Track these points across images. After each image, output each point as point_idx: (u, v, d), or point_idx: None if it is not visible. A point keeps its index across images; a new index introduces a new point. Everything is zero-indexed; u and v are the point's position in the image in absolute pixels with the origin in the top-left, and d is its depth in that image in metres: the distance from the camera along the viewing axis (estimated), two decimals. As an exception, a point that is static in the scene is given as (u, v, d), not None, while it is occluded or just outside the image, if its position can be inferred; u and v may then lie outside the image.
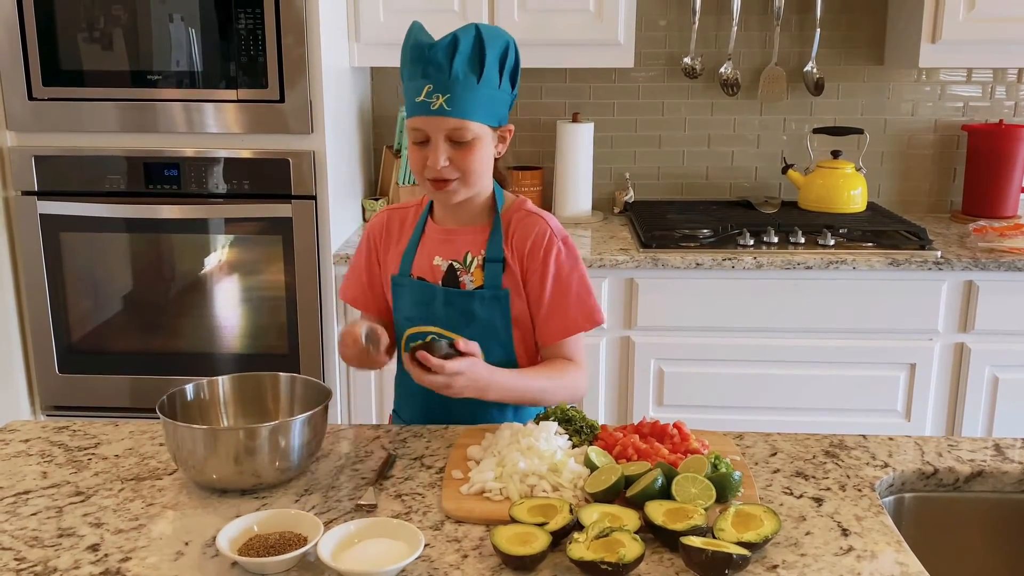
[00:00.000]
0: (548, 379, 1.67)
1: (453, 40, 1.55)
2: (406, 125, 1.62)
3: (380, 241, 1.77)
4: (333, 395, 1.50)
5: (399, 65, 1.64)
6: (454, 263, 1.69)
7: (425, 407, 1.73)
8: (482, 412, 1.69)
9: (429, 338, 1.55)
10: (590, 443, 1.49)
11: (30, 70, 2.64)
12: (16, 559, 1.22)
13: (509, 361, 1.69)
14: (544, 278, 1.66)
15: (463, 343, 1.52)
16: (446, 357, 1.50)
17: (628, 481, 1.34)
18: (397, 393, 1.83)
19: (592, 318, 1.69)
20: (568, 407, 1.57)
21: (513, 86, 1.65)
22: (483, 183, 1.66)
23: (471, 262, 1.68)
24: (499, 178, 1.74)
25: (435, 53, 1.55)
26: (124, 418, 1.70)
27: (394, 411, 1.85)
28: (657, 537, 1.24)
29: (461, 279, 1.68)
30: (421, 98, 1.56)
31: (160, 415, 1.39)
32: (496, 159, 1.69)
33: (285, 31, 2.56)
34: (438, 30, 1.60)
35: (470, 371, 1.52)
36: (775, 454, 1.52)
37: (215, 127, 2.66)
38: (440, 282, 1.69)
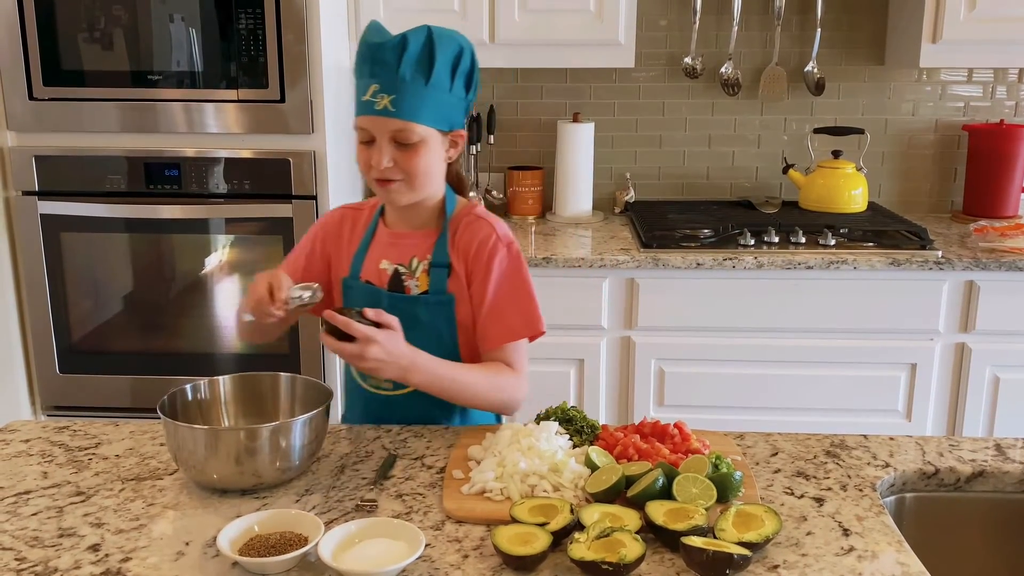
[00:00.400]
0: (481, 377, 1.62)
1: (402, 40, 1.53)
2: (354, 123, 1.60)
3: (331, 238, 1.75)
4: (334, 395, 1.50)
5: None
6: (400, 267, 1.67)
7: (364, 407, 1.71)
8: (425, 413, 1.67)
9: (341, 308, 1.50)
10: (591, 443, 1.49)
11: (31, 70, 2.64)
12: (17, 559, 1.22)
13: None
14: (486, 283, 1.63)
15: (374, 312, 1.48)
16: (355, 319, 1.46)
17: (629, 481, 1.34)
18: (344, 394, 1.83)
19: (533, 326, 1.65)
20: (569, 407, 1.57)
21: (468, 91, 1.62)
22: (431, 187, 1.63)
23: (416, 267, 1.66)
24: (455, 183, 1.72)
25: (383, 53, 1.53)
26: (125, 418, 1.69)
27: (343, 415, 1.84)
28: (658, 537, 1.24)
29: (406, 284, 1.66)
30: (367, 97, 1.54)
31: (161, 415, 1.39)
32: (450, 164, 1.68)
33: (285, 31, 2.56)
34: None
35: (386, 342, 1.47)
36: (776, 454, 1.52)
37: (215, 127, 2.65)
38: (386, 286, 1.67)
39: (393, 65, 1.53)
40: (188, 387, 1.51)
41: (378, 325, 1.48)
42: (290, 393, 1.56)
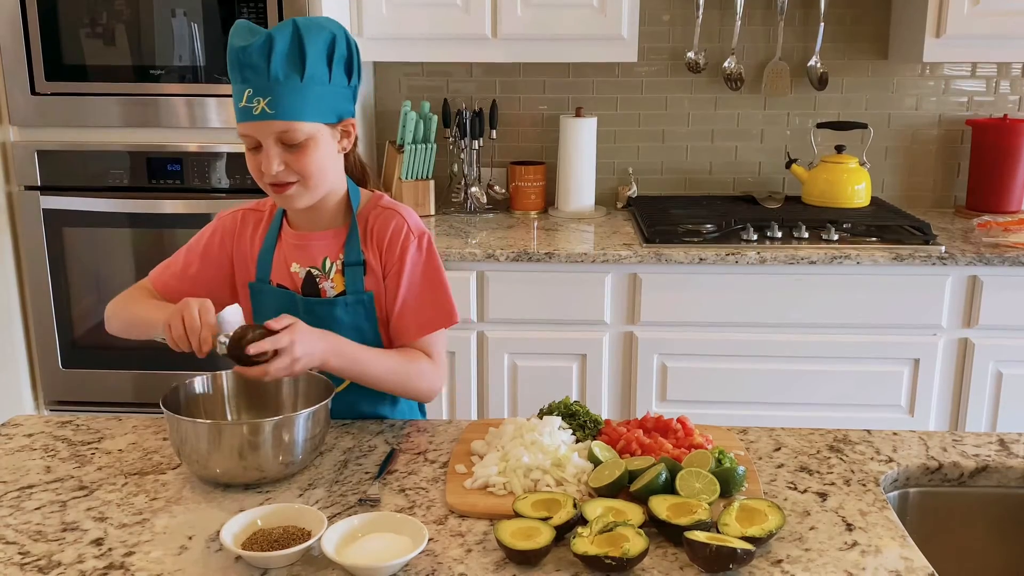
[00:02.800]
0: (401, 363, 1.59)
1: (267, 40, 1.47)
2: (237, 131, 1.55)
3: (231, 240, 1.69)
4: (334, 388, 1.49)
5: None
6: (312, 270, 1.63)
7: None
8: (351, 407, 1.65)
9: (235, 332, 1.43)
10: (594, 438, 1.49)
11: (33, 65, 2.64)
12: (20, 553, 1.22)
13: None
14: (400, 275, 1.61)
15: (273, 321, 1.44)
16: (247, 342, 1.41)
17: (632, 476, 1.33)
18: None
19: (448, 317, 1.64)
20: (572, 402, 1.57)
21: (350, 78, 1.57)
22: (327, 184, 1.58)
23: (330, 268, 1.63)
24: (356, 174, 1.69)
25: (249, 55, 1.47)
26: (128, 413, 1.69)
27: None
28: (661, 532, 1.24)
29: (321, 286, 1.63)
30: (243, 103, 1.49)
31: (164, 410, 1.39)
32: (347, 155, 1.63)
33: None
34: (440, 25, 1.56)
35: (300, 336, 1.43)
36: (779, 449, 1.52)
37: (218, 121, 2.65)
38: (300, 290, 1.63)
39: (263, 66, 1.48)
40: (191, 381, 1.51)
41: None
42: (292, 387, 1.56)
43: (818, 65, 3.16)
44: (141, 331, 1.64)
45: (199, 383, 1.52)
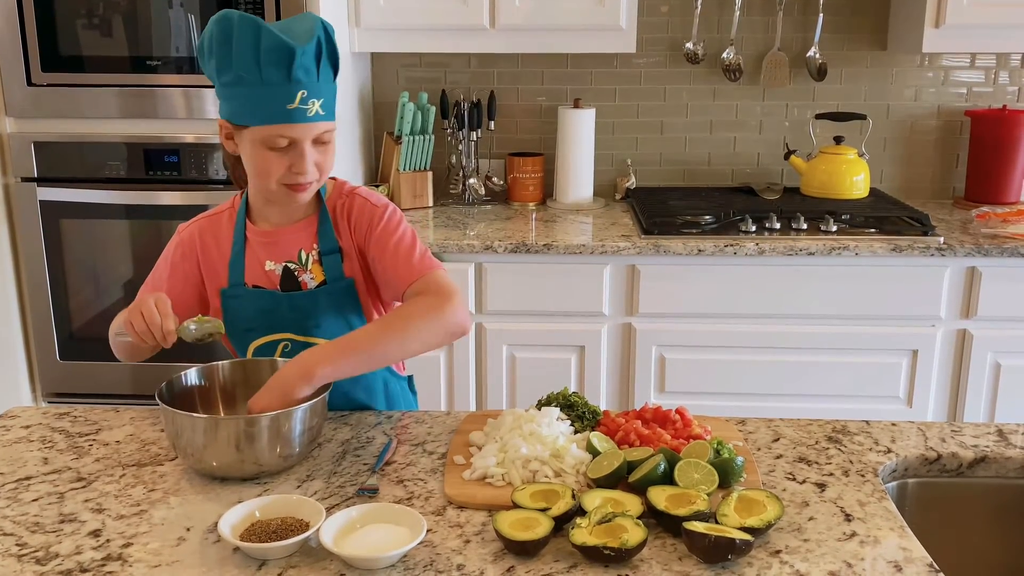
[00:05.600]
0: (391, 319, 1.50)
1: (317, 41, 1.47)
2: (256, 135, 1.49)
3: (194, 254, 1.66)
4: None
5: (210, 59, 1.51)
6: (289, 264, 1.62)
7: None
8: (347, 397, 1.65)
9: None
10: (592, 429, 1.49)
11: (29, 56, 2.63)
12: (17, 544, 1.22)
13: None
14: (381, 239, 1.57)
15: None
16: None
17: (630, 467, 1.33)
18: None
19: (436, 261, 1.59)
20: (570, 393, 1.56)
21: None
22: None
23: (306, 259, 1.62)
24: None
25: (306, 58, 1.45)
26: (125, 405, 1.69)
27: None
28: (660, 522, 1.24)
29: (301, 279, 1.62)
30: (295, 105, 1.46)
31: (159, 403, 1.38)
32: None
33: (285, 15, 2.55)
34: (438, 16, 1.55)
35: (282, 371, 1.43)
36: (778, 440, 1.52)
37: (215, 113, 2.62)
38: (279, 287, 1.62)
39: (314, 68, 1.47)
40: (186, 373, 1.50)
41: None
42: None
43: (817, 56, 3.15)
44: (123, 343, 1.62)
45: (194, 375, 1.51)
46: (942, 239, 2.68)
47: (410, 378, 1.83)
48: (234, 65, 1.47)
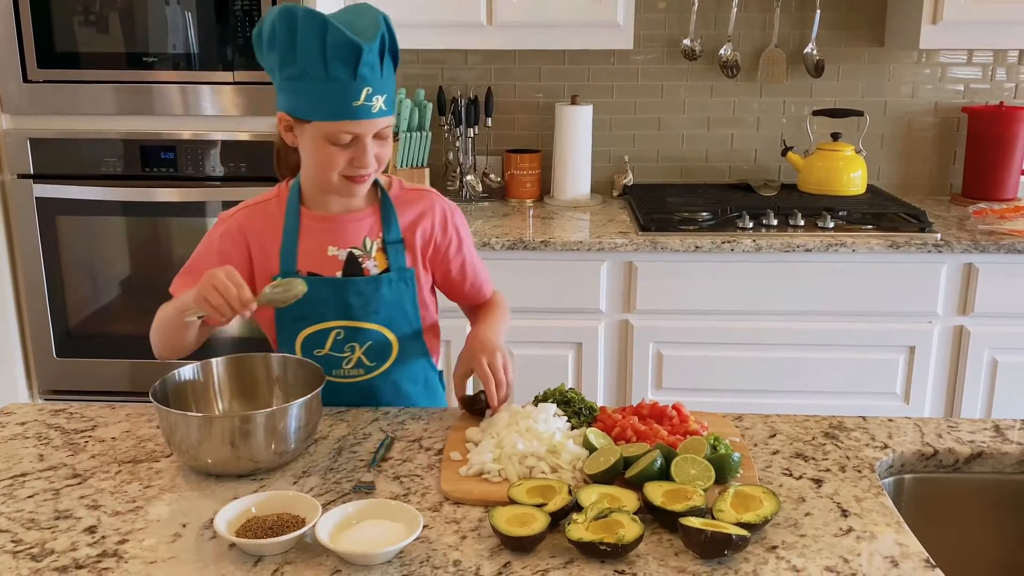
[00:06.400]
0: (504, 311, 1.79)
1: (382, 37, 1.47)
2: (320, 129, 1.50)
3: (244, 239, 1.64)
4: (325, 375, 1.49)
5: (271, 52, 1.50)
6: (354, 250, 1.63)
7: (336, 397, 1.64)
8: (396, 393, 1.71)
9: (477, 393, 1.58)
10: (589, 425, 1.49)
11: (24, 52, 2.62)
12: (13, 541, 1.21)
13: (416, 336, 1.70)
14: (461, 246, 1.71)
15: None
16: (483, 398, 1.55)
17: (627, 462, 1.33)
18: None
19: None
20: (567, 389, 1.56)
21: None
22: None
23: (371, 246, 1.64)
24: None
25: (372, 55, 1.46)
26: (122, 402, 1.69)
27: None
28: (656, 518, 1.24)
29: (364, 265, 1.63)
30: (361, 101, 1.47)
31: (154, 401, 1.38)
32: None
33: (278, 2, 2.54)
34: (435, 12, 1.54)
35: (480, 340, 1.60)
36: (774, 435, 1.52)
37: (212, 109, 2.64)
38: (340, 273, 1.63)
39: (378, 64, 1.48)
40: (181, 370, 1.50)
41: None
42: (283, 372, 1.55)
43: (814, 52, 3.15)
44: (177, 328, 1.59)
45: (189, 371, 1.51)
46: (939, 235, 2.68)
47: (440, 372, 1.84)
48: (299, 60, 1.46)
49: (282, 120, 1.56)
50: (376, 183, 1.65)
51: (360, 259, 1.63)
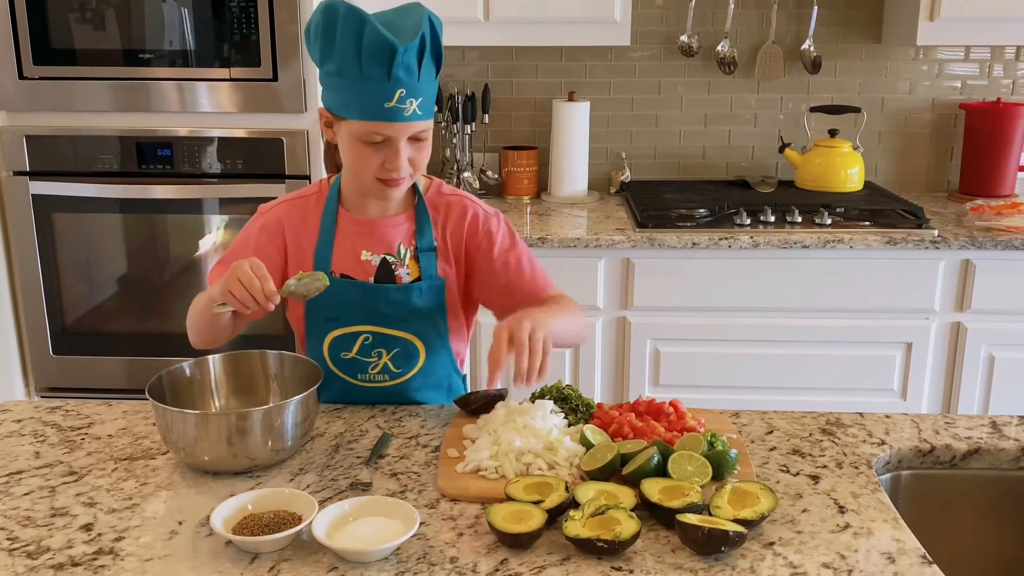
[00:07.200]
0: (566, 306, 1.66)
1: (421, 38, 1.43)
2: (353, 128, 1.47)
3: (281, 233, 1.63)
4: (322, 372, 1.48)
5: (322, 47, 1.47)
6: (387, 257, 1.61)
7: (355, 400, 1.66)
8: (417, 396, 1.68)
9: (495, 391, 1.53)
10: (586, 421, 1.49)
11: (20, 49, 2.62)
12: (9, 538, 1.21)
13: (443, 344, 1.67)
14: (506, 250, 1.65)
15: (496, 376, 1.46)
16: (497, 395, 1.53)
17: (624, 459, 1.33)
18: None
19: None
20: (564, 386, 1.56)
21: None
22: None
23: (404, 254, 1.62)
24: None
25: (409, 56, 1.42)
26: (119, 399, 1.68)
27: None
28: (653, 515, 1.24)
29: (397, 272, 1.61)
30: (393, 103, 1.44)
31: (150, 398, 1.37)
32: None
33: (278, 9, 2.54)
34: (432, 8, 1.51)
35: (530, 329, 1.45)
36: (771, 432, 1.52)
37: (208, 106, 2.64)
38: (373, 278, 1.61)
39: (415, 66, 1.44)
40: (177, 367, 1.49)
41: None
42: (279, 369, 1.55)
43: (811, 49, 3.15)
44: (207, 319, 1.57)
45: (186, 369, 1.51)
46: (936, 232, 2.68)
47: (465, 376, 1.82)
48: (336, 56, 1.45)
49: (322, 115, 1.55)
50: (415, 187, 1.63)
51: (393, 266, 1.61)
